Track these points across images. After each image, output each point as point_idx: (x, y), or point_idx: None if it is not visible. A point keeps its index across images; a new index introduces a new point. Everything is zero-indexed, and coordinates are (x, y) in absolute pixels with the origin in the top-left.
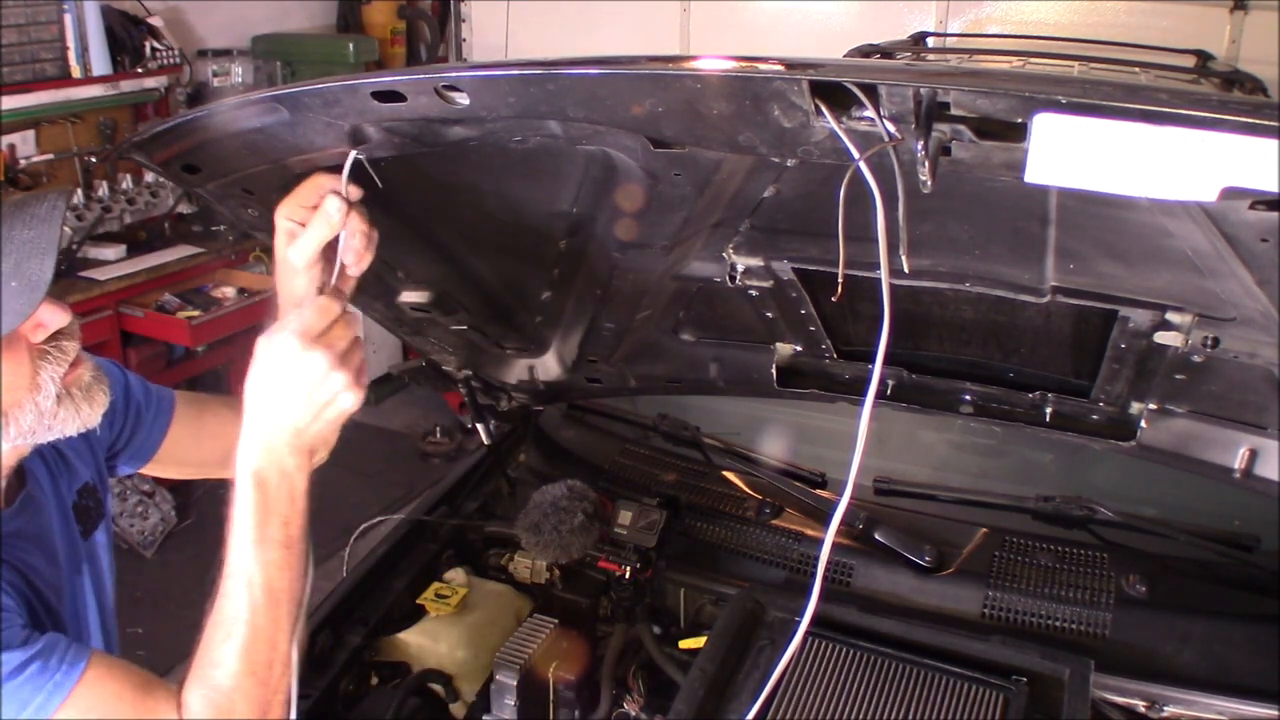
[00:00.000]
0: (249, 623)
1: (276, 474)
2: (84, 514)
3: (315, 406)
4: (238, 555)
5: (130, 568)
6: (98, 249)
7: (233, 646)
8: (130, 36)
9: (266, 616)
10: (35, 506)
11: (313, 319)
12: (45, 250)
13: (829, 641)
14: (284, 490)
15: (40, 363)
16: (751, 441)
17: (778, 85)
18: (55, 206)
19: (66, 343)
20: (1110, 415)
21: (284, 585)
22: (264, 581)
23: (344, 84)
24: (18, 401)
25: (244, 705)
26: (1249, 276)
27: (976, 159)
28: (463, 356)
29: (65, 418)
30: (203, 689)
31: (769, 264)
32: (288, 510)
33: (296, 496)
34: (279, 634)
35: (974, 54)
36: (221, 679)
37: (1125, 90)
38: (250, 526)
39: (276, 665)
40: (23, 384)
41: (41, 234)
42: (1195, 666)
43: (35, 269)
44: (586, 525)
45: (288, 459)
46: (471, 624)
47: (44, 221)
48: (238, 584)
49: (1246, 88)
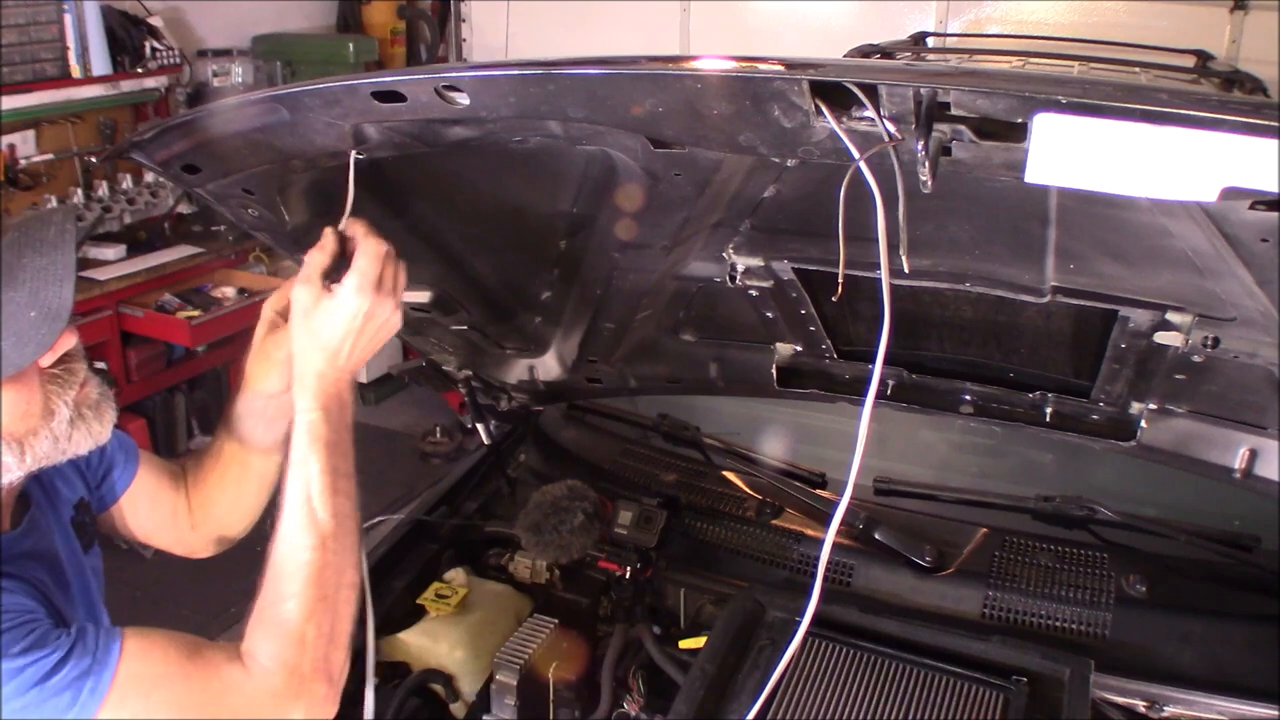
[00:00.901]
0: (319, 550)
1: (338, 406)
2: (82, 530)
3: (375, 342)
4: (304, 489)
5: (130, 568)
6: (98, 249)
7: (301, 578)
8: (130, 36)
9: (336, 544)
10: (39, 526)
11: (373, 269)
12: (62, 278)
13: (829, 641)
14: (344, 419)
15: (51, 387)
16: (751, 441)
17: (778, 85)
18: (64, 230)
19: (74, 364)
20: (1110, 415)
21: (349, 512)
22: (332, 510)
23: (344, 84)
24: (34, 429)
25: (315, 635)
26: (1249, 276)
27: (977, 159)
28: (463, 356)
29: (78, 438)
30: (270, 629)
31: (769, 264)
32: (348, 440)
33: (350, 425)
34: (346, 560)
35: (974, 54)
36: (290, 614)
37: (1125, 90)
38: (319, 459)
39: (344, 591)
40: (37, 411)
41: (55, 260)
42: (1195, 666)
43: (54, 297)
44: (586, 525)
45: (346, 391)
46: (471, 624)
47: (55, 246)
48: (304, 516)
49: (1246, 88)
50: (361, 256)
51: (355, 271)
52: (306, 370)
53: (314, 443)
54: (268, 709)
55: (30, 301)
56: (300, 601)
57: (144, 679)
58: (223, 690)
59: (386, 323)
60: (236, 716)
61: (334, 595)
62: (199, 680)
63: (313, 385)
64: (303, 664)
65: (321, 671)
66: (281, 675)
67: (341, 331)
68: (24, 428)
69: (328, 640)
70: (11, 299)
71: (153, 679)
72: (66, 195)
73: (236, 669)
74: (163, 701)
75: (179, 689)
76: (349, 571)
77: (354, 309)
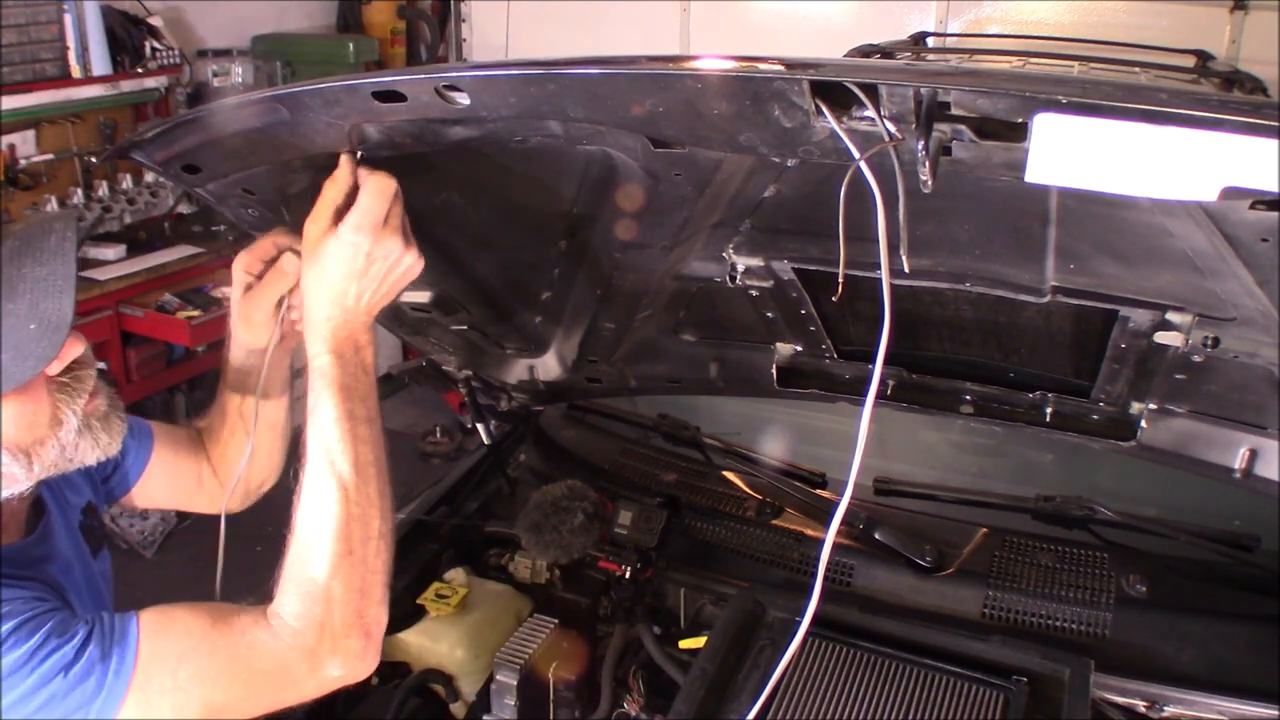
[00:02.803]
0: (340, 503)
1: (352, 350)
2: (90, 534)
3: (387, 284)
4: (321, 439)
5: (130, 568)
6: (98, 249)
7: (326, 533)
8: (130, 36)
9: (358, 494)
10: (52, 529)
11: (377, 206)
12: (62, 289)
13: (829, 641)
14: (360, 364)
15: (59, 396)
16: (751, 441)
17: (778, 85)
18: (65, 238)
19: (83, 372)
20: (1110, 415)
21: (371, 459)
22: (352, 458)
23: (344, 84)
24: (40, 439)
25: (342, 589)
26: (1249, 276)
27: (977, 159)
28: (463, 356)
29: (85, 448)
30: (296, 586)
31: (769, 264)
32: (366, 384)
33: (369, 369)
34: (371, 510)
35: (974, 54)
36: (317, 569)
37: (1125, 90)
38: (333, 405)
39: (372, 542)
40: (44, 421)
41: (55, 270)
42: (1195, 666)
43: (54, 309)
44: (586, 525)
45: (361, 334)
46: (471, 624)
47: (55, 256)
48: (323, 468)
49: (1246, 88)
50: (366, 193)
51: (357, 209)
52: (315, 314)
53: (327, 388)
54: (303, 669)
55: (30, 314)
56: (325, 556)
57: (168, 655)
58: (252, 655)
59: (397, 263)
60: (271, 680)
61: (361, 548)
62: (226, 649)
63: (322, 330)
64: (332, 620)
65: (355, 626)
66: (312, 634)
67: (345, 271)
68: (31, 438)
69: (359, 594)
70: (11, 311)
71: (178, 654)
72: (66, 195)
73: (264, 632)
74: (192, 675)
75: (205, 661)
76: (375, 521)
77: (355, 248)
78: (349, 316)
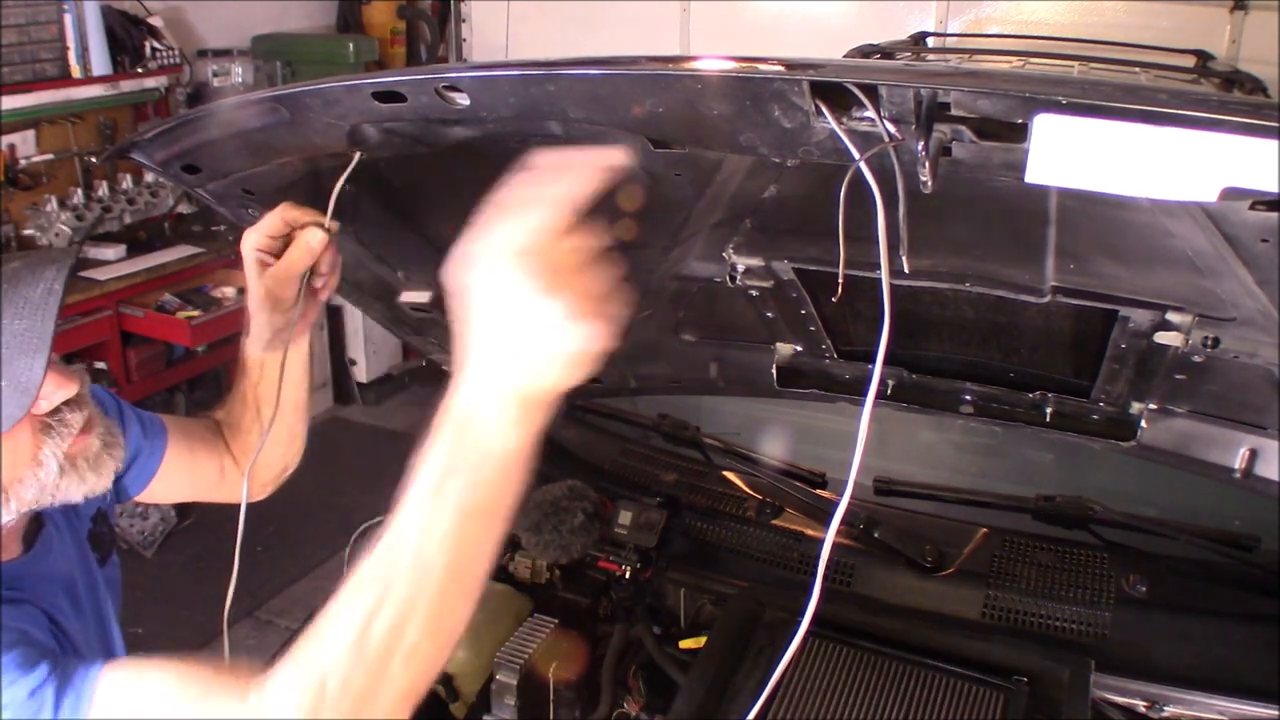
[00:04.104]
0: (379, 593)
1: (478, 422)
2: (98, 541)
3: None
4: (404, 508)
5: (130, 568)
6: (98, 249)
7: (349, 616)
8: (130, 36)
9: (405, 592)
10: (52, 544)
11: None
12: (36, 348)
13: (829, 641)
14: (477, 446)
15: (42, 437)
16: (751, 441)
17: (778, 85)
18: (51, 292)
19: (71, 414)
20: (1110, 415)
21: (440, 561)
22: (416, 546)
23: (344, 84)
24: (18, 477)
25: (338, 689)
26: (1249, 276)
27: (977, 159)
28: None
29: (69, 487)
30: (295, 666)
31: (769, 264)
32: (476, 471)
33: (492, 457)
34: (412, 619)
35: (974, 54)
36: (322, 655)
37: (1125, 90)
38: (428, 475)
39: (395, 658)
40: (23, 461)
41: (33, 326)
42: (1195, 666)
43: (24, 370)
44: (586, 525)
45: (504, 410)
46: (471, 624)
47: (38, 310)
48: (388, 539)
49: (1246, 88)
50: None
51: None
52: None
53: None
54: None
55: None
56: (336, 639)
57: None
58: None
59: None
60: None
61: (381, 653)
62: None
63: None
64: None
65: None
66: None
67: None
68: (7, 477)
69: (357, 701)
70: None
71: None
72: (66, 195)
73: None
74: None
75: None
76: (410, 634)
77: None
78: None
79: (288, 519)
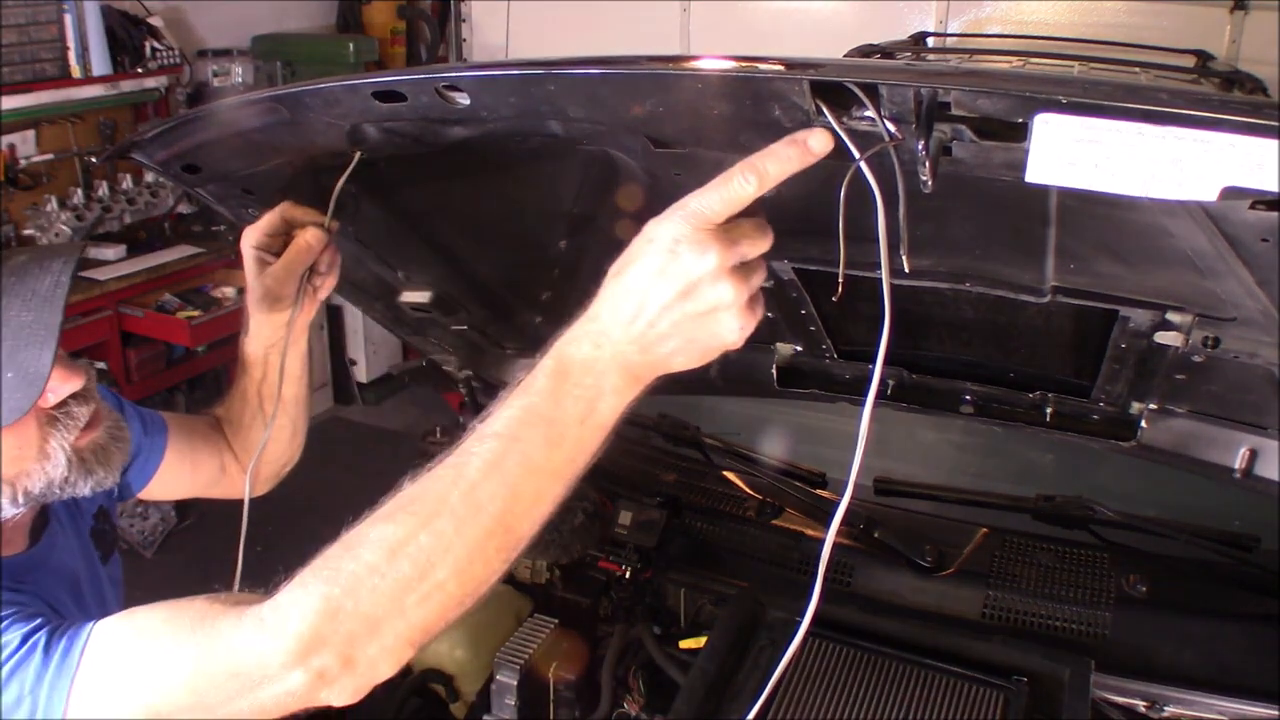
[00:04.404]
0: (418, 521)
1: (579, 378)
2: (101, 539)
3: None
4: (472, 441)
5: (130, 568)
6: (98, 249)
7: (378, 539)
8: (130, 36)
9: (446, 526)
10: (57, 540)
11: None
12: (44, 340)
13: (829, 641)
14: (579, 400)
15: (49, 430)
16: (751, 441)
17: (778, 85)
18: (59, 284)
19: (78, 407)
20: (1110, 415)
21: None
22: (472, 483)
23: (344, 84)
24: (26, 471)
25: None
26: (1249, 276)
27: (977, 159)
28: (463, 356)
29: (76, 481)
30: (307, 580)
31: (769, 264)
32: (559, 428)
33: (578, 420)
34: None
35: (974, 54)
36: (341, 571)
37: (1125, 90)
38: (507, 418)
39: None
40: (30, 454)
41: (41, 318)
42: (1195, 666)
43: (32, 360)
44: (586, 525)
45: (600, 366)
46: (471, 624)
47: (45, 302)
48: (444, 469)
49: (1246, 88)
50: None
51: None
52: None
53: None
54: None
55: (8, 362)
56: (369, 551)
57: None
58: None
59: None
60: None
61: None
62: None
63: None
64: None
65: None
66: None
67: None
68: (14, 470)
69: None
70: None
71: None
72: (66, 195)
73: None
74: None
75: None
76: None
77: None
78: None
79: (288, 518)
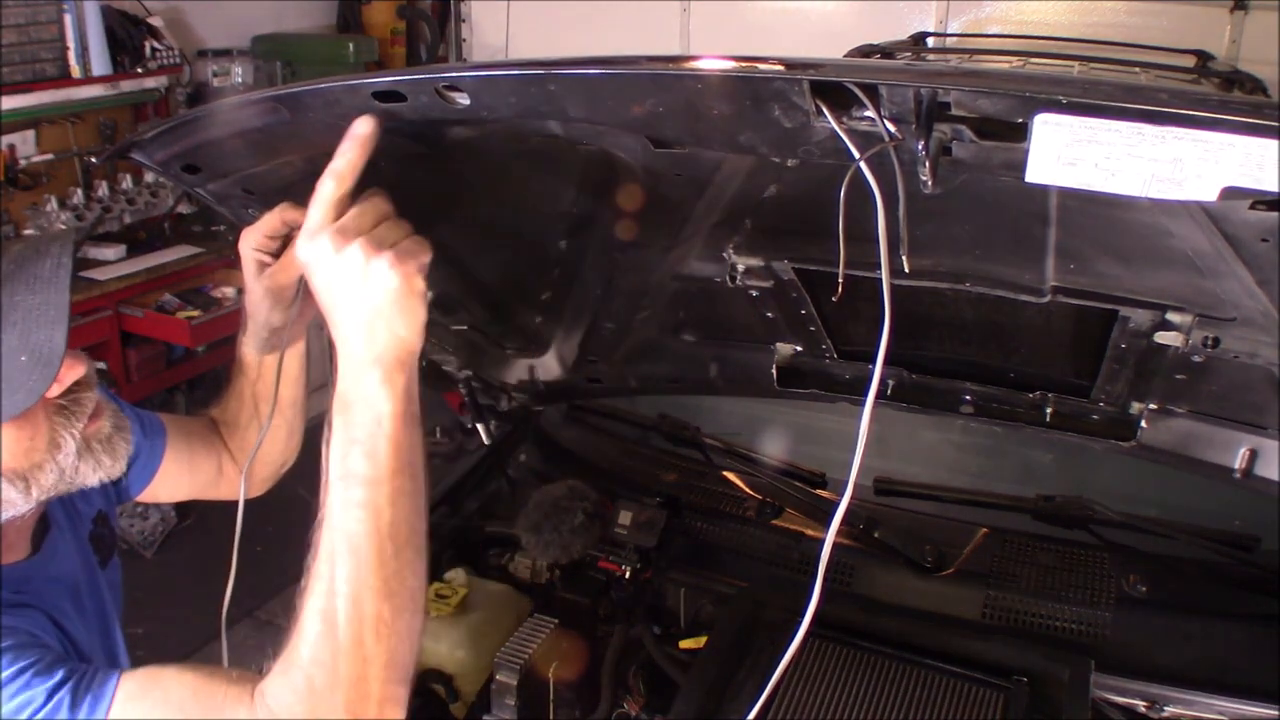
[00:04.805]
0: (328, 579)
1: (354, 396)
2: (100, 543)
3: (370, 310)
4: (324, 495)
5: (130, 568)
6: (98, 249)
7: (312, 610)
8: (130, 36)
9: (347, 570)
10: (58, 547)
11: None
12: (55, 320)
13: (829, 641)
14: (361, 417)
15: (58, 419)
16: (751, 441)
17: (778, 85)
18: (60, 264)
19: (84, 394)
20: (1110, 415)
21: (365, 530)
22: (342, 527)
23: (344, 84)
24: (39, 463)
25: (326, 680)
26: (1249, 276)
27: (977, 159)
28: (463, 356)
29: (86, 471)
30: (284, 668)
31: (769, 264)
32: (368, 440)
33: (383, 420)
34: (364, 592)
35: (974, 54)
36: (302, 653)
37: (1125, 90)
38: (334, 458)
39: (366, 633)
40: (42, 445)
41: (49, 299)
42: (1195, 666)
43: (45, 340)
44: (586, 525)
45: (366, 376)
46: (471, 624)
47: (49, 284)
48: (322, 530)
49: (1246, 88)
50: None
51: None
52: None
53: (331, 444)
54: None
55: (21, 345)
56: (309, 640)
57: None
58: None
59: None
60: None
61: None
62: None
63: (339, 366)
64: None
65: None
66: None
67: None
68: (28, 462)
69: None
70: (3, 342)
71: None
72: (66, 195)
73: (242, 711)
74: None
75: None
76: (370, 604)
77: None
78: (346, 353)
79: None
